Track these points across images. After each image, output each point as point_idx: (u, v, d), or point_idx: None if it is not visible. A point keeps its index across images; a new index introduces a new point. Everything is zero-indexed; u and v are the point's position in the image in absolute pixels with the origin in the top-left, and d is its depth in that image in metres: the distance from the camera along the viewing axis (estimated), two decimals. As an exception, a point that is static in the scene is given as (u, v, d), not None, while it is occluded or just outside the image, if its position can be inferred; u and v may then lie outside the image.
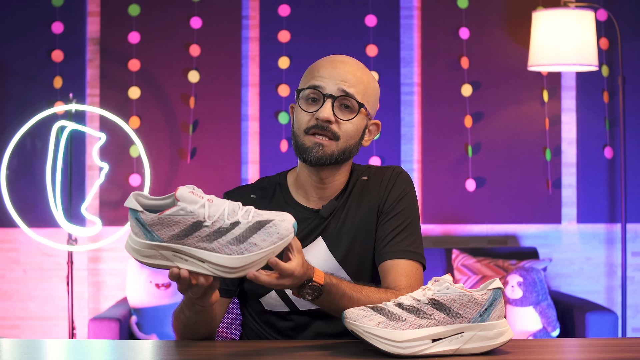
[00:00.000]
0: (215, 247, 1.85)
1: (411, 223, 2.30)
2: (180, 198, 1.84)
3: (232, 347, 2.09)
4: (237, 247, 1.84)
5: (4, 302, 5.05)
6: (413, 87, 5.14)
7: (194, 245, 1.85)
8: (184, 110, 5.03)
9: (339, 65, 2.26)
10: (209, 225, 1.84)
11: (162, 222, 1.84)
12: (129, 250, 1.89)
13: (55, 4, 4.95)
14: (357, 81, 2.25)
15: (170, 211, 1.84)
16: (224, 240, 1.84)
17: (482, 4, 5.11)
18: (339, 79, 2.23)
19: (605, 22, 5.09)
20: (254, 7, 5.10)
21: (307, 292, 2.02)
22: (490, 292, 1.91)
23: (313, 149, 2.22)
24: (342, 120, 2.23)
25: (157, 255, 1.86)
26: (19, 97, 4.97)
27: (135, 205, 1.86)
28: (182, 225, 1.84)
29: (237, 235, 1.85)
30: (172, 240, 1.85)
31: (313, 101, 2.25)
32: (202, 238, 1.84)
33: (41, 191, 4.86)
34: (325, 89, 2.22)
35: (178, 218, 1.84)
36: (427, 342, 1.87)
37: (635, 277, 5.19)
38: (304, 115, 2.25)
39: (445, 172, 5.10)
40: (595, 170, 5.14)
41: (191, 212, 1.84)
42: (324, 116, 2.20)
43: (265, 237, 1.85)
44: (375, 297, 2.13)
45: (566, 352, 2.08)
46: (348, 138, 2.25)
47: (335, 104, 2.23)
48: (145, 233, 1.85)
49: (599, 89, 5.12)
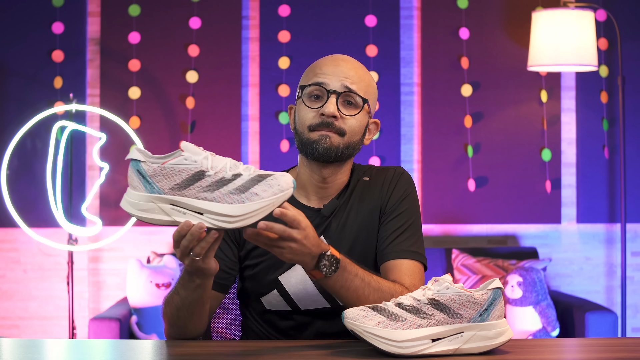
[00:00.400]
0: (216, 196, 1.85)
1: (413, 223, 2.31)
2: (185, 149, 1.86)
3: (233, 347, 2.09)
4: (238, 197, 1.85)
5: (5, 302, 5.05)
6: (413, 87, 5.15)
7: (194, 196, 1.85)
8: (185, 111, 5.04)
9: (341, 62, 2.28)
10: (211, 175, 1.85)
11: (164, 172, 1.85)
12: (124, 206, 1.88)
13: (55, 4, 4.96)
14: (359, 78, 2.27)
15: (174, 160, 1.85)
16: (225, 190, 1.85)
17: (481, 4, 5.11)
18: (342, 76, 2.25)
19: (604, 22, 5.10)
20: (254, 7, 5.11)
21: (324, 265, 2.02)
22: (490, 292, 1.91)
23: (320, 141, 2.23)
24: (346, 116, 2.24)
25: (154, 208, 1.86)
26: (19, 97, 4.98)
27: (138, 156, 1.86)
28: (184, 175, 1.85)
29: (239, 185, 1.85)
30: (172, 191, 1.85)
31: (316, 98, 2.25)
32: (203, 188, 1.85)
33: (41, 191, 4.86)
34: (329, 85, 2.24)
35: (181, 167, 1.85)
36: (427, 342, 1.87)
37: (634, 277, 5.19)
38: (308, 111, 2.26)
39: (445, 172, 5.11)
40: (595, 170, 5.14)
41: (195, 161, 1.85)
42: (329, 111, 2.22)
43: (267, 188, 1.86)
44: (385, 285, 2.13)
45: (566, 352, 2.08)
46: (352, 134, 2.26)
47: (339, 100, 2.24)
48: (145, 185, 1.85)
49: (598, 89, 5.13)
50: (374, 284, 2.11)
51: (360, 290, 2.09)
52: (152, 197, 1.85)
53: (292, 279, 2.27)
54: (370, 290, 2.10)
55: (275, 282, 2.28)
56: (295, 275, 2.27)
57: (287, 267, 2.28)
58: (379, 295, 2.10)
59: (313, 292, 2.27)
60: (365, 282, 2.10)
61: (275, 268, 2.28)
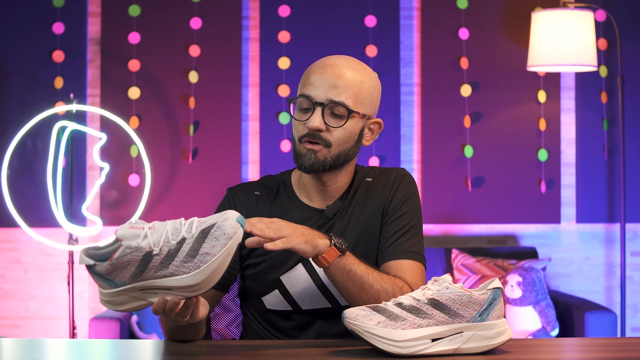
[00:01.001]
0: (172, 271, 1.84)
1: (415, 225, 2.32)
2: (121, 237, 1.84)
3: (233, 347, 2.10)
4: (192, 264, 1.83)
5: (5, 301, 5.06)
6: (413, 87, 5.15)
7: (153, 277, 1.84)
8: (185, 111, 5.04)
9: (329, 70, 2.25)
10: (158, 253, 1.83)
11: (115, 267, 1.84)
12: (103, 304, 1.89)
13: (56, 4, 4.96)
14: (347, 85, 2.24)
15: (118, 254, 1.83)
16: (177, 261, 1.83)
17: (481, 4, 5.12)
18: (328, 86, 2.23)
19: (604, 22, 5.10)
20: (254, 7, 5.11)
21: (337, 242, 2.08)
22: (490, 291, 1.91)
23: (306, 156, 2.24)
24: (332, 128, 2.24)
25: (128, 299, 1.86)
26: (20, 98, 4.98)
27: (88, 261, 1.86)
28: (135, 263, 1.83)
29: (187, 251, 1.83)
30: (132, 280, 1.84)
31: (304, 110, 2.26)
32: (157, 267, 1.83)
33: (42, 191, 4.86)
34: (315, 98, 2.23)
35: (128, 257, 1.83)
36: (427, 342, 1.88)
37: (634, 276, 5.20)
38: (297, 123, 2.26)
39: (444, 172, 5.11)
40: (594, 170, 5.15)
41: (136, 246, 1.83)
42: (314, 125, 2.21)
43: (215, 243, 1.84)
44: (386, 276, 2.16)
45: (565, 351, 2.08)
46: (340, 144, 2.25)
47: (326, 111, 2.23)
48: (108, 283, 1.85)
49: (597, 89, 5.13)
50: (376, 274, 2.14)
51: (365, 277, 2.10)
52: (119, 291, 1.85)
53: (294, 278, 2.28)
54: (374, 279, 2.12)
55: (276, 281, 2.29)
56: (297, 275, 2.28)
57: (288, 267, 2.28)
58: (381, 285, 2.12)
59: (314, 292, 2.27)
60: (369, 269, 2.13)
61: (277, 268, 2.28)
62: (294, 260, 2.28)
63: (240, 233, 1.86)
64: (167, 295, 1.85)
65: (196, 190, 5.01)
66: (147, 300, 1.86)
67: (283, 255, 2.28)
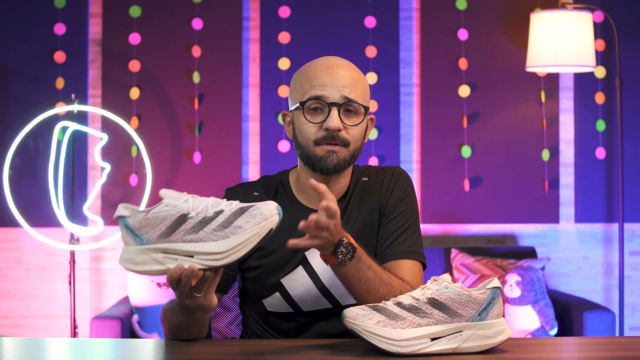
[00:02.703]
0: (201, 236, 1.86)
1: (412, 223, 2.32)
2: (164, 195, 1.89)
3: (233, 346, 2.10)
4: (222, 232, 1.86)
5: (7, 301, 5.07)
6: (412, 87, 5.16)
7: (181, 240, 1.87)
8: (185, 111, 5.05)
9: (336, 70, 2.25)
10: (193, 217, 1.87)
11: (148, 222, 1.87)
12: (121, 262, 1.91)
13: (57, 5, 4.97)
14: (355, 84, 2.26)
15: (156, 209, 1.88)
16: (209, 228, 1.86)
17: (480, 5, 5.13)
18: (339, 86, 2.23)
19: (602, 23, 5.12)
20: (255, 8, 5.12)
21: (341, 251, 2.03)
22: (489, 291, 1.92)
23: (328, 158, 2.23)
24: (349, 126, 2.24)
25: (147, 260, 1.88)
26: (21, 98, 4.99)
27: (123, 212, 1.89)
28: (167, 221, 1.87)
29: (222, 221, 1.87)
30: (160, 239, 1.87)
31: (315, 110, 2.25)
32: (188, 230, 1.87)
33: (43, 191, 4.87)
34: (329, 98, 2.22)
35: (163, 214, 1.87)
36: (426, 341, 1.88)
37: (632, 276, 5.21)
38: (310, 126, 2.25)
39: (444, 172, 5.12)
40: (593, 170, 5.16)
41: (175, 206, 1.88)
42: (335, 126, 2.21)
43: (249, 219, 1.86)
44: (395, 281, 2.15)
45: (564, 350, 2.09)
46: (356, 141, 2.26)
47: (341, 111, 2.23)
48: (134, 238, 1.88)
49: (596, 90, 5.14)
50: (386, 278, 2.13)
51: (371, 282, 2.09)
52: (143, 249, 1.88)
53: (294, 281, 2.28)
54: (381, 284, 2.11)
55: (277, 284, 2.29)
56: (297, 278, 2.28)
57: (289, 269, 2.28)
58: (388, 289, 2.11)
59: (315, 294, 2.27)
60: (378, 275, 2.11)
61: (278, 271, 2.29)
62: (295, 263, 2.28)
63: (276, 220, 1.88)
64: (186, 262, 1.87)
65: (196, 190, 5.02)
66: (165, 266, 1.88)
67: (284, 258, 2.28)
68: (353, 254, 2.04)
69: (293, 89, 2.31)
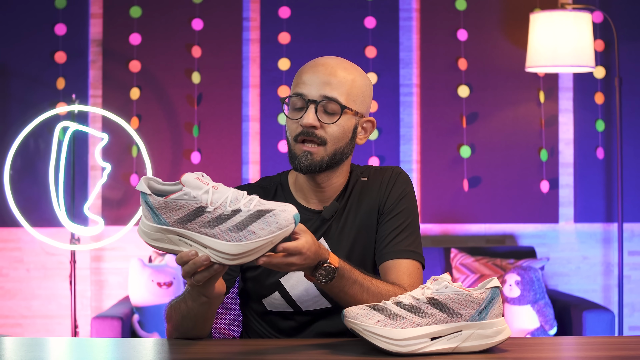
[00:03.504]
0: (216, 233, 1.86)
1: (411, 223, 2.32)
2: (185, 183, 1.87)
3: (233, 346, 2.10)
4: (236, 235, 1.86)
5: (8, 300, 5.08)
6: (412, 88, 5.17)
7: (196, 230, 1.87)
8: (186, 111, 5.06)
9: (320, 68, 2.25)
10: (210, 212, 1.86)
11: (167, 205, 1.87)
12: (140, 233, 1.92)
13: (58, 6, 4.98)
14: (339, 83, 2.24)
15: (175, 195, 1.87)
16: (224, 227, 1.86)
17: (480, 6, 5.14)
18: (320, 84, 2.23)
19: (601, 23, 5.12)
20: (255, 9, 5.13)
21: (320, 274, 2.02)
22: (489, 290, 1.92)
23: (302, 158, 2.23)
24: (326, 124, 2.23)
25: (164, 238, 1.89)
26: (22, 98, 5.00)
27: (145, 189, 1.89)
28: (185, 210, 1.86)
29: (237, 222, 1.86)
30: (177, 224, 1.87)
31: (298, 109, 2.26)
32: (204, 224, 1.87)
33: (44, 191, 4.88)
34: (308, 95, 2.23)
35: (182, 202, 1.87)
36: (426, 340, 1.89)
37: (631, 275, 5.22)
38: (291, 122, 2.26)
39: (444, 172, 5.13)
40: (592, 171, 5.16)
41: (194, 197, 1.87)
42: (307, 122, 2.21)
43: (264, 226, 1.86)
44: (384, 289, 2.14)
45: (563, 350, 2.09)
46: (335, 141, 2.25)
47: (319, 109, 2.23)
48: (153, 216, 1.89)
49: (595, 90, 5.15)
50: (374, 289, 2.12)
51: (358, 295, 2.09)
52: (160, 228, 1.89)
53: (294, 280, 2.29)
54: (368, 296, 2.11)
55: (276, 284, 2.30)
56: (297, 277, 2.28)
57: None
58: (377, 299, 2.11)
59: (314, 294, 2.28)
60: (364, 287, 2.10)
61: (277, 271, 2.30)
62: None
63: (290, 229, 1.88)
64: (200, 251, 1.88)
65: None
66: (180, 248, 1.89)
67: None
68: (333, 275, 2.04)
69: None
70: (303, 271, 2.04)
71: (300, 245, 1.93)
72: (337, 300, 2.12)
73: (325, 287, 2.07)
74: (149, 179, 1.90)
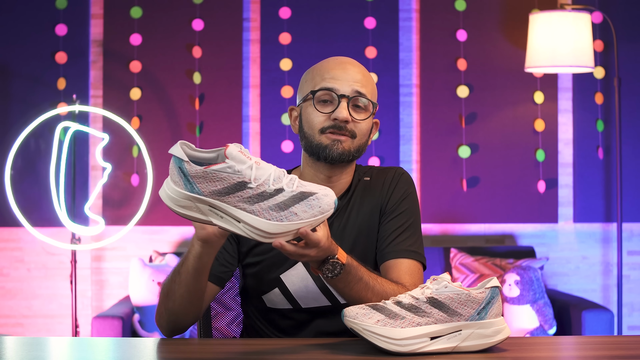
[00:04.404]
0: (255, 209, 1.83)
1: (413, 223, 2.34)
2: (229, 156, 1.82)
3: (234, 345, 2.11)
4: (277, 214, 1.83)
5: (9, 300, 5.08)
6: (412, 88, 5.18)
7: (233, 204, 1.82)
8: (186, 111, 5.07)
9: (349, 67, 2.30)
10: (253, 188, 1.82)
11: (206, 176, 1.82)
12: (163, 197, 1.87)
13: (59, 6, 4.98)
14: (366, 82, 2.30)
15: (218, 167, 1.82)
16: (265, 204, 1.83)
17: (479, 6, 5.14)
18: (351, 80, 2.27)
19: (600, 24, 5.13)
20: (255, 9, 5.14)
21: (327, 269, 2.02)
22: (488, 290, 1.92)
23: (333, 146, 2.26)
24: (357, 120, 2.28)
25: (192, 207, 1.84)
26: (23, 99, 5.00)
27: (181, 154, 1.84)
28: (226, 183, 1.82)
29: (280, 202, 1.83)
30: (212, 195, 1.82)
31: (325, 102, 2.28)
32: (244, 199, 1.82)
33: (45, 191, 4.89)
34: (339, 90, 2.26)
35: (224, 175, 1.81)
36: (426, 340, 1.89)
37: (630, 275, 5.23)
38: (318, 115, 2.28)
39: (443, 172, 5.14)
40: (592, 171, 5.17)
41: (238, 171, 1.82)
42: (343, 116, 2.24)
43: (307, 209, 1.84)
44: (389, 288, 2.15)
45: (562, 349, 2.09)
46: (362, 136, 2.30)
47: (350, 104, 2.27)
48: (185, 183, 1.83)
49: (594, 91, 5.16)
50: (378, 287, 2.13)
51: (362, 293, 2.10)
52: (192, 196, 1.83)
53: (294, 277, 2.30)
54: (372, 294, 2.11)
55: (277, 280, 2.31)
56: (297, 274, 2.30)
57: (288, 265, 2.30)
58: (381, 297, 2.11)
59: (314, 291, 2.29)
60: (369, 286, 2.11)
61: (277, 266, 2.30)
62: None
63: (329, 214, 1.88)
64: (231, 225, 1.84)
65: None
66: (208, 218, 1.84)
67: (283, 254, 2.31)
68: (340, 271, 2.04)
69: (303, 83, 2.35)
70: (310, 264, 2.05)
71: (319, 237, 1.93)
72: (341, 295, 2.13)
73: (331, 282, 2.07)
74: (183, 144, 1.86)
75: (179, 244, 5.11)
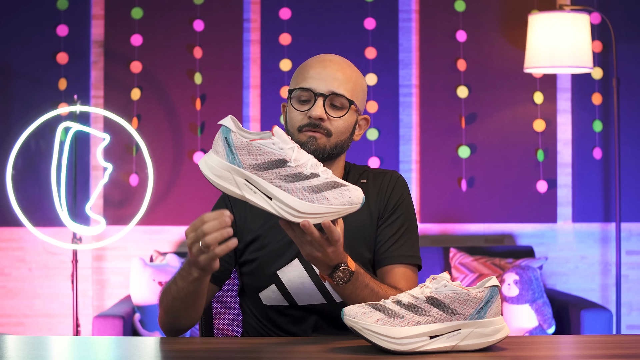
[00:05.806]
0: (290, 188, 1.89)
1: (409, 228, 2.37)
2: (276, 134, 1.90)
3: (233, 344, 2.11)
4: (310, 195, 1.89)
5: (10, 299, 5.09)
6: (411, 88, 5.19)
7: (269, 180, 1.89)
8: (186, 111, 5.08)
9: (329, 64, 2.32)
10: (292, 167, 1.89)
11: (250, 148, 1.89)
12: (202, 166, 1.93)
13: (60, 7, 4.99)
14: (346, 79, 2.31)
15: (263, 141, 1.89)
16: (300, 185, 1.89)
17: (478, 7, 5.15)
18: (329, 78, 2.30)
19: (599, 25, 5.14)
20: (255, 10, 5.14)
21: (338, 276, 2.05)
22: (487, 289, 1.93)
23: (307, 143, 2.28)
24: (333, 118, 2.30)
25: (229, 178, 1.90)
26: (24, 99, 5.01)
27: (231, 125, 1.91)
28: (267, 158, 1.89)
29: (314, 185, 1.90)
30: (251, 168, 1.89)
31: (304, 101, 2.31)
32: (281, 176, 1.89)
33: (46, 191, 4.89)
34: (316, 89, 2.29)
35: (267, 149, 1.89)
36: (425, 339, 1.90)
37: (629, 275, 5.23)
38: (296, 114, 2.31)
39: (443, 172, 5.15)
40: (590, 171, 5.18)
41: (281, 149, 1.89)
42: (317, 114, 2.27)
43: (338, 197, 1.90)
44: (391, 294, 2.16)
45: (561, 348, 2.10)
46: (339, 134, 2.31)
47: (326, 102, 2.29)
48: (228, 154, 1.90)
49: (593, 91, 5.17)
50: (382, 293, 2.15)
51: (367, 299, 2.12)
52: (231, 167, 1.90)
53: (290, 273, 2.31)
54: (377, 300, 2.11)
55: (273, 276, 2.32)
56: (293, 270, 2.31)
57: (285, 261, 2.32)
58: None
59: (310, 288, 2.31)
60: (374, 292, 2.14)
61: (273, 262, 2.32)
62: (291, 254, 2.32)
63: (355, 209, 1.93)
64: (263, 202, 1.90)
65: (197, 190, 5.05)
66: (242, 193, 1.90)
67: (280, 249, 2.32)
68: (349, 278, 2.07)
69: (291, 81, 2.38)
70: (320, 270, 2.07)
71: (338, 236, 1.98)
72: (346, 301, 2.14)
73: (338, 288, 2.10)
74: (233, 118, 1.92)
75: (179, 243, 5.12)
